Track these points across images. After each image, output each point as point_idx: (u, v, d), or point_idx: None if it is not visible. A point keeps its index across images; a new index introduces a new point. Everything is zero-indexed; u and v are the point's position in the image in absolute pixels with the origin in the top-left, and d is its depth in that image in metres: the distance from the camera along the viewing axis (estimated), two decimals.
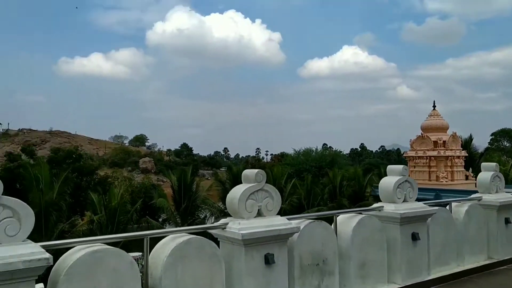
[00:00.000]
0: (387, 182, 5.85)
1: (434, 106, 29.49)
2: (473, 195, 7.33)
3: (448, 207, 6.79)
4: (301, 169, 49.76)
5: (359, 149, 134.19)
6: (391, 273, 5.63)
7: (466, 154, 28.62)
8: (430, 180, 27.13)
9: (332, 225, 5.23)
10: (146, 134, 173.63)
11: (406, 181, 5.90)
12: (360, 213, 5.56)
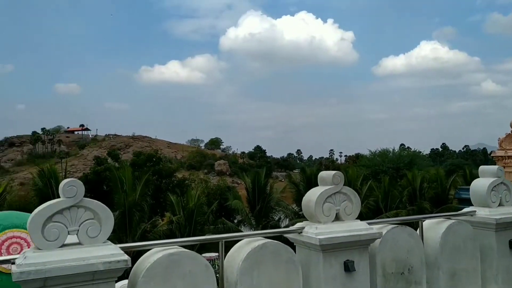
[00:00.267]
0: (480, 184, 5.27)
1: None
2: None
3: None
4: (377, 170, 48.01)
5: (440, 149, 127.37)
6: (486, 284, 5.09)
7: None
8: None
9: (417, 230, 4.84)
10: (220, 137, 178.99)
11: (502, 183, 5.25)
12: (449, 218, 5.08)
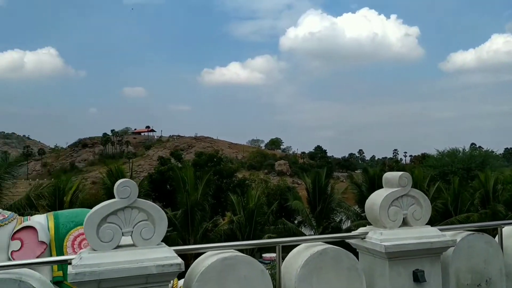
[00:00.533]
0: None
1: None
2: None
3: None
4: (445, 171, 45.44)
5: None
6: None
7: None
8: None
9: (495, 238, 4.35)
10: (281, 137, 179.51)
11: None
12: None
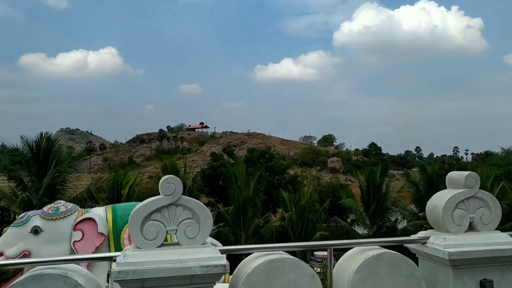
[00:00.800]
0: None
1: None
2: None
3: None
4: (510, 170, 42.68)
5: None
6: None
7: None
8: None
9: None
10: (333, 134, 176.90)
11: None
12: None
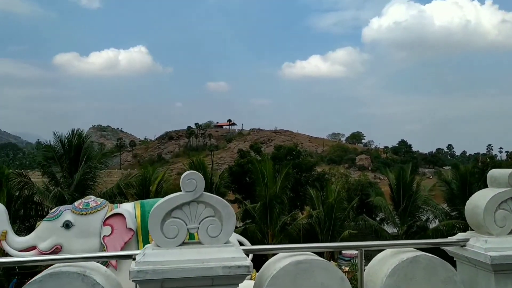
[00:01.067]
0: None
1: None
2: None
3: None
4: None
5: None
6: None
7: None
8: None
9: None
10: (362, 131, 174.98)
11: None
12: None
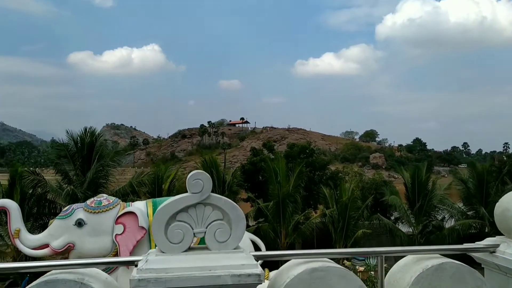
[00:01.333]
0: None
1: None
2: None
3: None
4: None
5: None
6: None
7: None
8: None
9: None
10: (376, 129, 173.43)
11: None
12: None
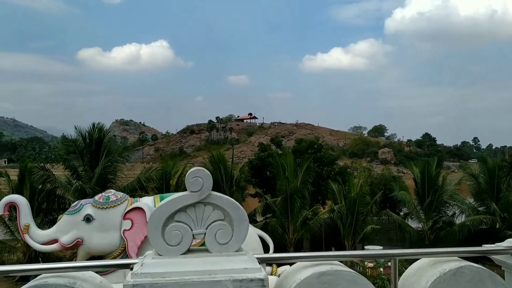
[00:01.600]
0: None
1: None
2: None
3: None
4: None
5: None
6: None
7: None
8: None
9: None
10: (384, 124, 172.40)
11: None
12: None
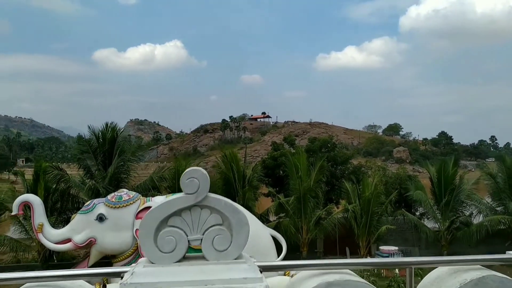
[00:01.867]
0: None
1: None
2: None
3: None
4: None
5: None
6: None
7: None
8: None
9: None
10: (400, 122, 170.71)
11: None
12: None
